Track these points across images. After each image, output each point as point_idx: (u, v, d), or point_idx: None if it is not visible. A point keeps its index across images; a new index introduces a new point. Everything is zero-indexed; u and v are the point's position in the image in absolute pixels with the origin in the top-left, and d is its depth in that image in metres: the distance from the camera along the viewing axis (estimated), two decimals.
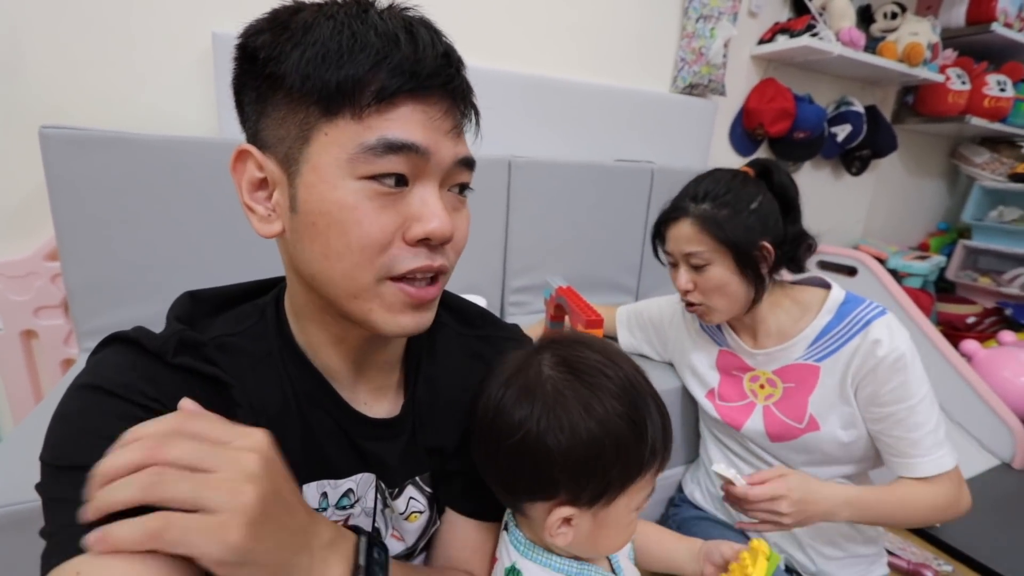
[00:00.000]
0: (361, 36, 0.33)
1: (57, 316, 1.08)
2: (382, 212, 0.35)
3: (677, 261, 0.80)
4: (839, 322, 0.75)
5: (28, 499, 0.59)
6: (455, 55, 0.37)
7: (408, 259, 0.37)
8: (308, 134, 0.35)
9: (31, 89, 0.99)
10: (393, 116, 0.34)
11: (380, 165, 0.34)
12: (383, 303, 0.37)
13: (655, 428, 0.44)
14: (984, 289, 2.31)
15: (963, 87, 2.04)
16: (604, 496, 0.44)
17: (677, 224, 0.77)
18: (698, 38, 1.58)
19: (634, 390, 0.44)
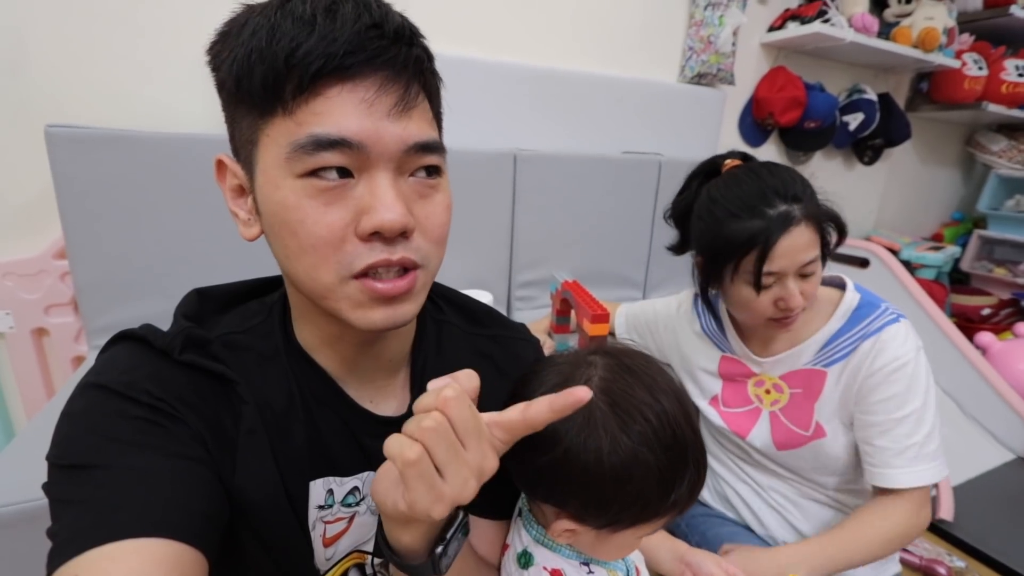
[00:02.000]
0: (278, 28, 0.31)
1: (67, 314, 1.09)
2: (328, 209, 0.33)
3: (782, 277, 0.68)
4: (851, 328, 0.72)
5: (37, 497, 0.60)
6: (392, 25, 0.33)
7: (364, 254, 0.34)
8: (255, 137, 0.35)
9: (37, 87, 1.00)
10: (320, 107, 0.32)
11: (315, 161, 0.32)
12: (350, 301, 0.36)
13: (685, 486, 0.42)
14: (1000, 280, 2.27)
15: (980, 73, 1.99)
16: (610, 527, 0.43)
17: (792, 234, 0.65)
18: (706, 26, 1.55)
19: (673, 440, 0.41)
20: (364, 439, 0.46)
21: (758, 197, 0.67)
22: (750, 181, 0.69)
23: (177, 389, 0.37)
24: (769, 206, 0.66)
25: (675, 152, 1.57)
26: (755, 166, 0.72)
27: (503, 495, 0.52)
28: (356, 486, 0.46)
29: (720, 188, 0.72)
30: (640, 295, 1.57)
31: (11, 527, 0.60)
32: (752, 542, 0.82)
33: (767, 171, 0.70)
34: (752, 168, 0.72)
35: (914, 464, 0.68)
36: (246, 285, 0.49)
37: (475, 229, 1.28)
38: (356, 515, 0.48)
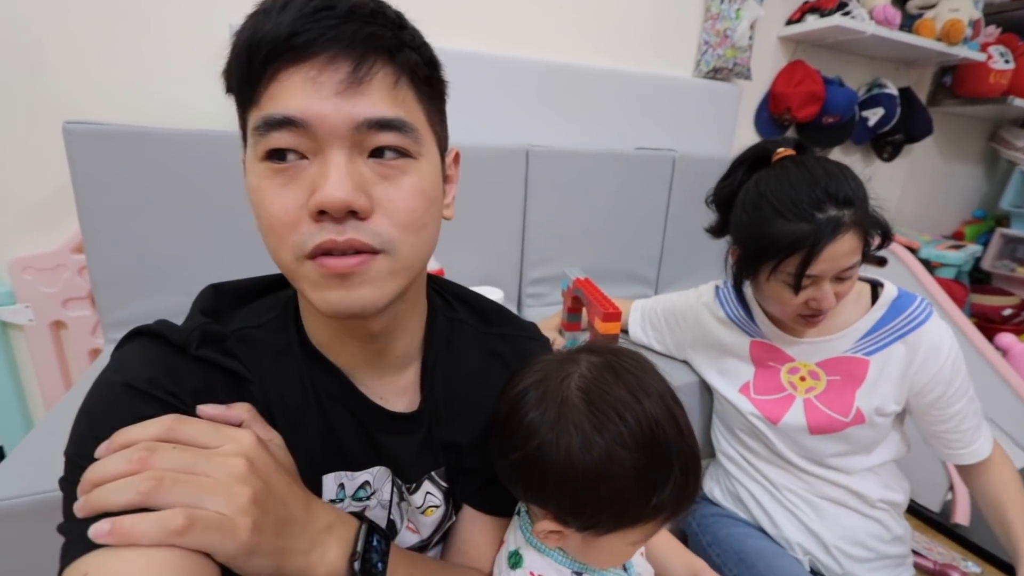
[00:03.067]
0: (247, 23, 0.33)
1: (85, 307, 1.11)
2: (282, 190, 0.34)
3: (819, 280, 0.68)
4: (893, 318, 0.74)
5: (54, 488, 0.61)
6: (345, 5, 0.33)
7: (314, 234, 0.34)
8: (246, 130, 0.36)
9: (53, 85, 1.01)
10: (275, 91, 0.33)
11: (268, 142, 0.34)
12: (309, 282, 0.36)
13: (668, 490, 0.40)
14: (1022, 280, 2.22)
15: (1006, 66, 1.93)
16: (592, 528, 0.42)
17: (839, 242, 0.64)
18: (723, 20, 1.53)
19: (652, 441, 0.39)
20: (375, 434, 0.46)
21: (809, 198, 0.65)
22: (802, 178, 0.66)
23: (192, 385, 0.37)
24: (819, 210, 0.64)
25: (689, 148, 1.55)
26: (808, 160, 0.69)
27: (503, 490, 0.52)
28: (367, 480, 0.47)
29: (770, 182, 0.69)
30: (652, 293, 1.56)
31: (29, 517, 0.61)
32: (764, 542, 0.81)
33: (821, 169, 0.66)
34: (805, 163, 0.68)
35: (982, 430, 0.75)
36: (262, 280, 0.49)
37: (486, 225, 1.27)
38: (367, 508, 0.48)
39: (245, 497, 0.31)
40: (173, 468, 0.30)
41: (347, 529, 0.39)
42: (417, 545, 0.53)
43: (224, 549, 0.30)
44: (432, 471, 0.50)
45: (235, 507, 0.30)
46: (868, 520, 0.78)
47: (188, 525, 0.28)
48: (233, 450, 0.33)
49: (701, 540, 0.88)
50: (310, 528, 0.36)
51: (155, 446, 0.30)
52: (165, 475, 0.29)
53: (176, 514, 0.28)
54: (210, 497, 0.30)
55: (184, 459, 0.30)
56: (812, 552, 0.79)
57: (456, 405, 0.50)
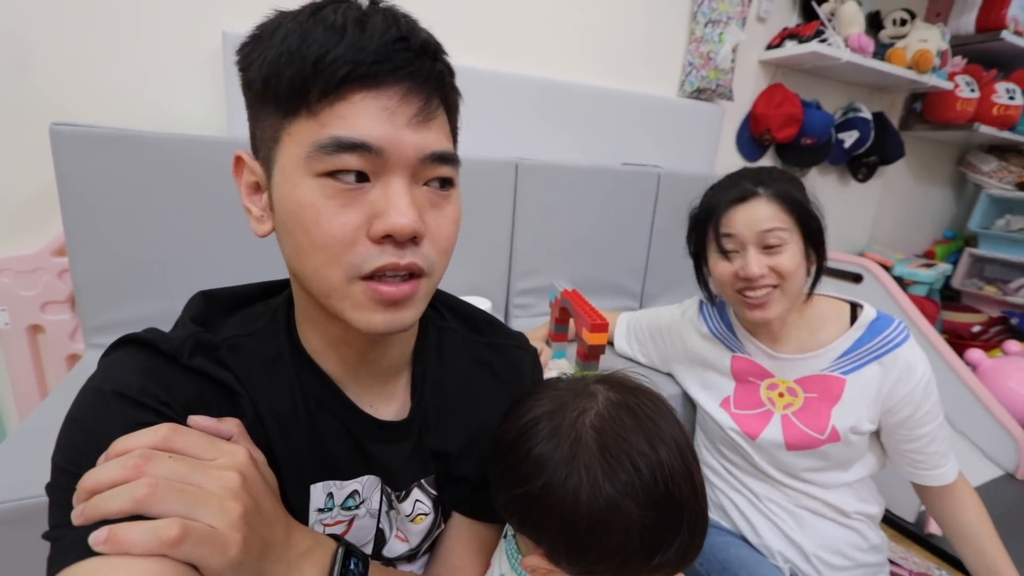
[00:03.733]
0: (309, 33, 0.33)
1: (64, 311, 1.09)
2: (342, 210, 0.34)
3: (740, 247, 0.74)
4: (871, 339, 0.76)
5: (32, 495, 0.60)
6: (418, 39, 0.35)
7: (374, 257, 0.35)
8: (277, 135, 0.36)
9: (41, 86, 1.00)
10: (344, 111, 0.33)
11: (334, 163, 0.33)
12: (354, 302, 0.36)
13: (674, 551, 0.38)
14: (990, 298, 2.30)
15: (972, 95, 2.03)
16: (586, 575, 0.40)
17: (750, 204, 0.72)
18: (706, 42, 1.58)
19: (665, 498, 0.37)
20: (365, 443, 0.46)
21: (731, 179, 0.77)
22: (745, 172, 0.77)
23: (183, 395, 0.37)
24: (735, 185, 0.75)
25: (674, 165, 1.59)
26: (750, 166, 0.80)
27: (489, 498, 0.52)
28: (356, 489, 0.47)
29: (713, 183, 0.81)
30: (637, 305, 1.58)
31: (3, 526, 0.60)
32: (746, 551, 0.82)
33: (758, 167, 0.78)
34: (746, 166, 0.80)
35: (949, 457, 0.78)
36: (252, 288, 0.49)
37: (475, 236, 1.29)
38: (356, 518, 0.48)
39: (237, 512, 0.31)
40: (168, 477, 0.29)
41: (324, 554, 0.39)
42: (406, 554, 0.53)
43: (212, 563, 0.29)
44: (422, 479, 0.50)
45: (227, 522, 0.30)
46: (846, 529, 0.80)
47: (182, 536, 0.28)
48: (227, 463, 0.32)
49: None
50: (289, 553, 0.36)
51: (151, 454, 0.30)
52: (160, 483, 0.29)
53: (171, 524, 0.28)
54: (204, 509, 0.29)
55: (179, 469, 0.30)
56: (792, 560, 0.80)
57: (446, 413, 0.50)
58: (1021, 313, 2.16)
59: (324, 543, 0.40)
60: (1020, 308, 2.21)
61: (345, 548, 0.41)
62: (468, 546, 0.53)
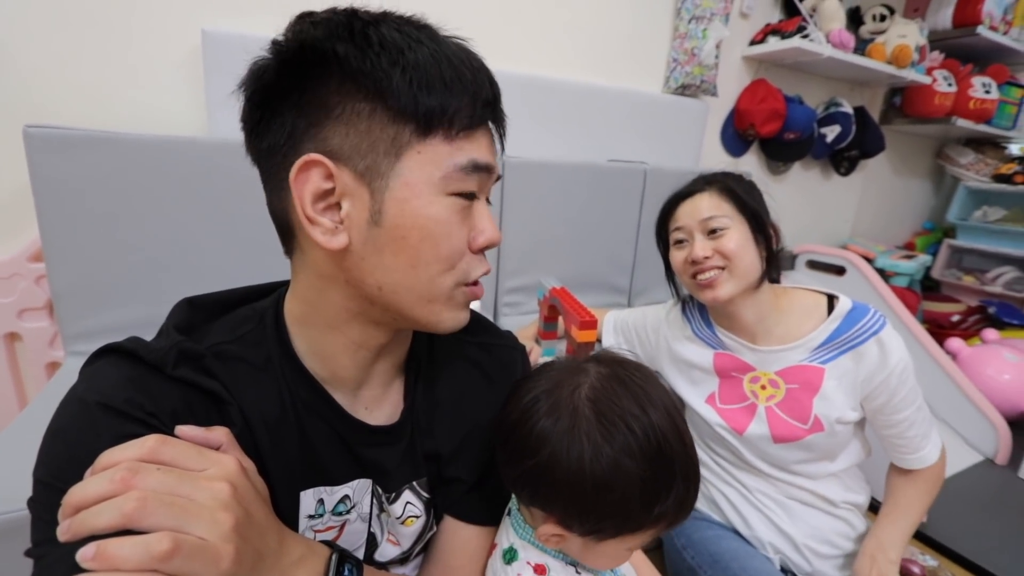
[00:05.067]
0: (457, 67, 0.37)
1: (42, 318, 1.06)
2: (462, 225, 0.40)
3: (688, 236, 0.80)
4: (847, 329, 0.77)
5: (12, 509, 0.58)
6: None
7: (477, 267, 0.42)
8: (400, 150, 0.36)
9: (16, 86, 0.97)
10: (475, 140, 0.39)
11: (466, 183, 0.39)
12: (453, 303, 0.42)
13: (671, 500, 0.42)
14: (968, 288, 2.36)
15: (949, 89, 2.07)
16: (595, 534, 0.44)
17: (694, 198, 0.80)
18: (690, 39, 1.59)
19: (658, 453, 0.41)
20: (356, 447, 0.46)
21: (692, 181, 0.83)
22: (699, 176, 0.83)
23: (169, 405, 0.36)
24: (691, 184, 0.83)
25: (660, 161, 1.60)
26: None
27: (490, 500, 0.52)
28: (347, 494, 0.46)
29: None
30: (625, 302, 1.59)
31: None
32: (737, 543, 0.83)
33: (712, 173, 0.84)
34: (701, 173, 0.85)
35: (930, 439, 0.80)
36: (236, 293, 0.48)
37: None
38: (347, 523, 0.47)
39: (228, 524, 0.30)
40: (157, 490, 0.29)
41: (318, 561, 0.39)
42: (398, 557, 0.52)
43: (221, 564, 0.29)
44: (414, 481, 0.49)
45: (218, 533, 0.29)
46: (834, 519, 0.81)
47: (174, 549, 0.27)
48: (217, 474, 0.32)
49: (676, 543, 0.90)
50: (282, 562, 0.36)
51: (138, 467, 0.29)
52: (149, 496, 0.28)
53: (162, 538, 0.27)
54: (194, 522, 0.29)
55: (168, 481, 0.29)
56: (783, 551, 0.81)
57: (438, 414, 0.50)
58: (999, 302, 2.21)
59: (317, 550, 0.40)
60: (998, 297, 2.26)
61: (339, 554, 0.41)
62: (464, 548, 0.52)
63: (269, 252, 0.43)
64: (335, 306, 0.42)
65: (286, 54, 0.36)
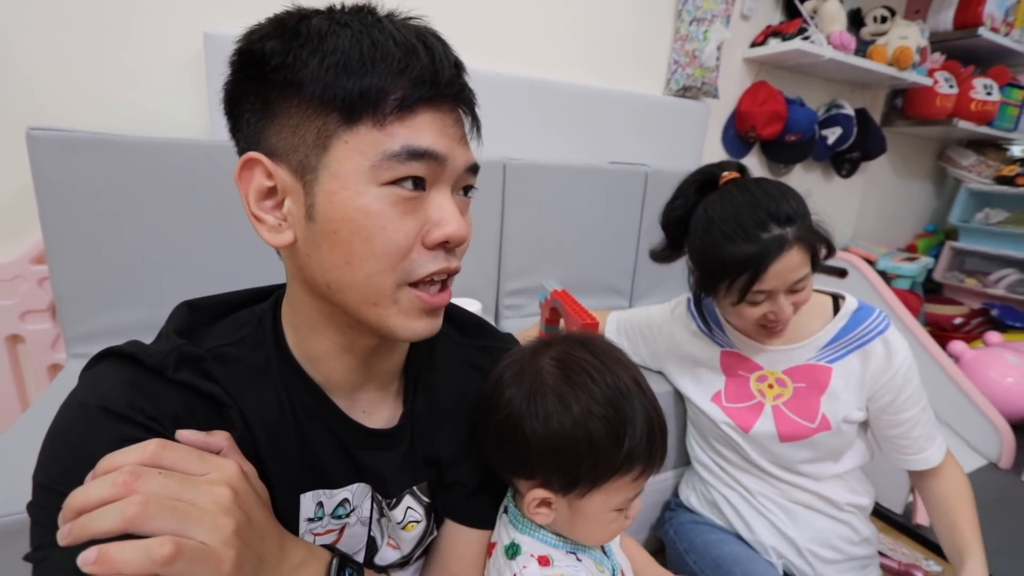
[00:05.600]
0: (381, 45, 0.34)
1: (44, 320, 1.06)
2: (404, 218, 0.36)
3: (773, 295, 0.72)
4: (853, 328, 0.78)
5: (13, 512, 0.58)
6: (463, 66, 0.38)
7: (427, 263, 0.38)
8: (327, 142, 0.35)
9: (18, 89, 0.97)
10: (412, 124, 0.35)
11: (404, 170, 0.35)
12: (400, 308, 0.38)
13: (636, 436, 0.45)
14: (971, 290, 2.35)
15: (951, 91, 2.06)
16: (576, 488, 0.46)
17: (785, 257, 0.69)
18: (691, 41, 1.59)
19: (620, 396, 0.45)
20: (355, 451, 0.46)
21: (753, 220, 0.69)
22: (745, 201, 0.71)
23: (170, 408, 0.36)
24: (763, 230, 0.68)
25: (661, 163, 1.60)
26: (750, 183, 0.74)
27: (491, 504, 0.52)
28: (346, 498, 0.46)
29: (716, 207, 0.73)
30: (627, 304, 1.58)
31: None
32: (739, 548, 0.83)
33: (763, 191, 0.71)
34: (747, 186, 0.73)
35: (935, 440, 0.79)
36: (236, 296, 0.48)
37: None
38: (346, 526, 0.47)
39: (229, 528, 0.30)
40: (159, 494, 0.28)
41: (319, 565, 0.39)
42: (398, 561, 0.52)
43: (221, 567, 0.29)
44: (414, 486, 0.49)
45: (220, 538, 0.29)
46: (837, 523, 0.81)
47: (175, 554, 0.27)
48: (218, 479, 0.32)
49: (678, 547, 0.89)
50: (283, 566, 0.36)
51: (140, 470, 0.29)
52: (151, 500, 0.28)
53: (163, 542, 0.27)
54: (196, 526, 0.29)
55: (170, 486, 0.29)
56: (786, 556, 0.81)
57: (437, 418, 0.50)
58: (1001, 304, 2.20)
59: (318, 554, 0.40)
60: (1000, 300, 2.25)
61: (340, 559, 0.41)
62: (466, 552, 0.52)
63: (271, 255, 0.43)
64: (308, 307, 0.42)
65: (234, 61, 0.37)
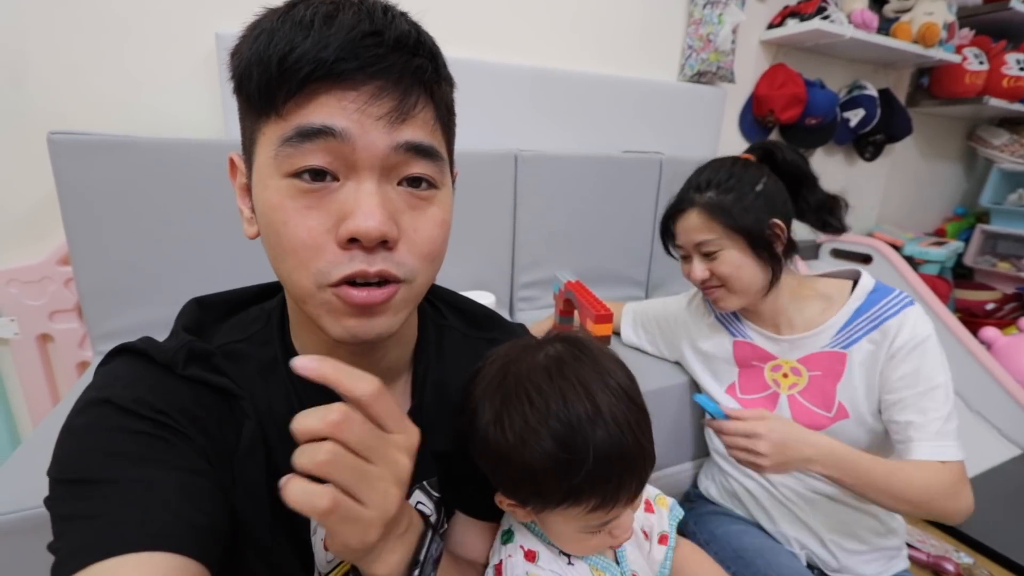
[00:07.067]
0: (277, 32, 0.31)
1: (72, 320, 1.10)
2: (308, 212, 0.33)
3: (689, 253, 0.80)
4: (867, 309, 0.75)
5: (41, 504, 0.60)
6: (393, 33, 0.32)
7: (343, 264, 0.33)
8: (255, 136, 0.35)
9: (37, 95, 1.00)
10: (310, 107, 0.32)
11: (299, 158, 0.32)
12: (326, 307, 0.35)
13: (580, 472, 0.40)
14: (1003, 275, 2.26)
15: (980, 67, 1.98)
16: (527, 505, 0.45)
17: (684, 216, 0.78)
18: (705, 24, 1.55)
19: (571, 432, 0.40)
20: None
21: (686, 183, 0.80)
22: (696, 171, 0.80)
23: (180, 403, 0.36)
24: (683, 191, 0.80)
25: (676, 151, 1.57)
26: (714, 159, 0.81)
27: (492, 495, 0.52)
28: None
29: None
30: (643, 294, 1.57)
31: (19, 534, 0.60)
32: (761, 538, 0.82)
33: (708, 165, 0.80)
34: (710, 161, 0.81)
35: (939, 439, 0.67)
36: (246, 292, 0.49)
37: (476, 230, 1.28)
38: None
39: (395, 500, 0.30)
40: (354, 444, 0.29)
41: (414, 534, 0.38)
42: None
43: (348, 543, 0.29)
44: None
45: (383, 508, 0.30)
46: (862, 514, 0.78)
47: (330, 510, 0.28)
48: (404, 444, 0.31)
49: (699, 538, 0.88)
50: (393, 532, 0.35)
51: (349, 415, 0.28)
52: (339, 454, 0.28)
53: (324, 496, 0.27)
54: (368, 490, 0.29)
55: (365, 439, 0.29)
56: (808, 546, 0.79)
57: (447, 412, 0.49)
58: None
59: (415, 523, 0.39)
60: None
61: (432, 531, 0.40)
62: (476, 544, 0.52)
63: None
64: (290, 301, 0.42)
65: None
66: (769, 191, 0.75)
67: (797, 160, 0.79)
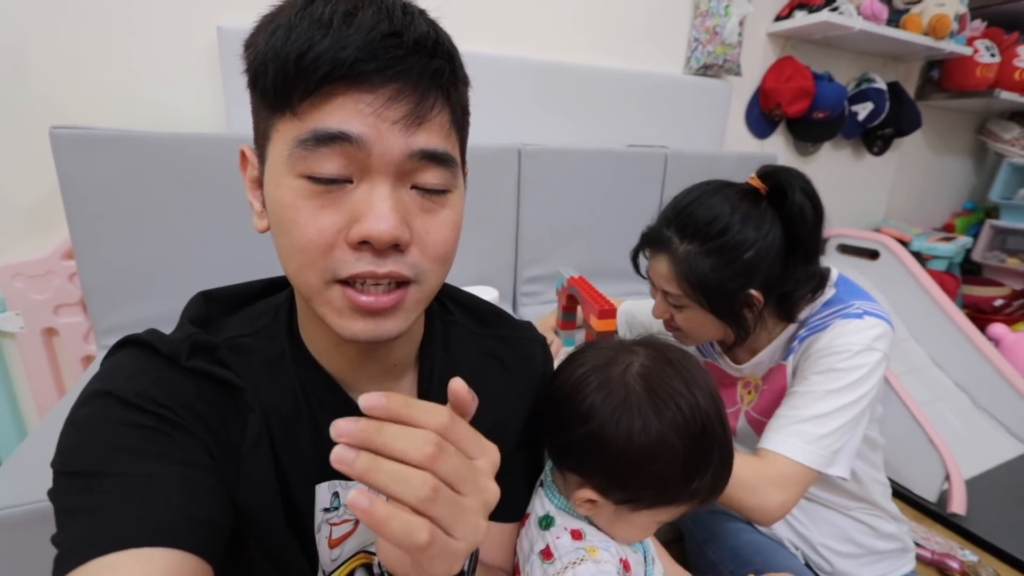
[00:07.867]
0: (295, 28, 0.31)
1: (76, 314, 1.10)
2: (322, 211, 0.33)
3: (655, 287, 0.74)
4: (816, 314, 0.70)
5: None
6: (412, 35, 0.32)
7: (351, 263, 0.33)
8: (268, 132, 0.34)
9: (40, 90, 1.00)
10: (327, 108, 0.31)
11: (316, 161, 0.32)
12: (332, 307, 0.35)
13: (707, 478, 0.44)
14: (1013, 270, 2.24)
15: (992, 60, 1.95)
16: (630, 504, 0.46)
17: (656, 257, 0.70)
18: (712, 16, 1.53)
19: (703, 432, 0.44)
20: None
21: (675, 207, 0.70)
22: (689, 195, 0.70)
23: (183, 396, 0.36)
24: (667, 219, 0.70)
25: (681, 145, 1.56)
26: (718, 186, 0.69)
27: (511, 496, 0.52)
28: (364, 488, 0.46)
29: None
30: (646, 289, 1.56)
31: (25, 527, 0.61)
32: (759, 538, 0.81)
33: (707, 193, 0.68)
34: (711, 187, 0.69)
35: (787, 435, 0.62)
36: (253, 287, 0.48)
37: (480, 225, 1.27)
38: None
39: (483, 533, 0.29)
40: (448, 477, 0.27)
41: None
42: None
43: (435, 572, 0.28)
44: None
45: (470, 541, 0.28)
46: (851, 519, 0.77)
47: (428, 545, 0.26)
48: (486, 468, 0.30)
49: (697, 538, 0.88)
50: None
51: (444, 446, 0.27)
52: (441, 491, 0.27)
53: (423, 530, 0.26)
54: (461, 525, 0.28)
55: (459, 470, 0.28)
56: (801, 549, 0.79)
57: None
58: None
59: None
60: None
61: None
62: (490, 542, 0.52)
63: None
64: (299, 298, 0.42)
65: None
66: (759, 256, 0.63)
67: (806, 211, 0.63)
